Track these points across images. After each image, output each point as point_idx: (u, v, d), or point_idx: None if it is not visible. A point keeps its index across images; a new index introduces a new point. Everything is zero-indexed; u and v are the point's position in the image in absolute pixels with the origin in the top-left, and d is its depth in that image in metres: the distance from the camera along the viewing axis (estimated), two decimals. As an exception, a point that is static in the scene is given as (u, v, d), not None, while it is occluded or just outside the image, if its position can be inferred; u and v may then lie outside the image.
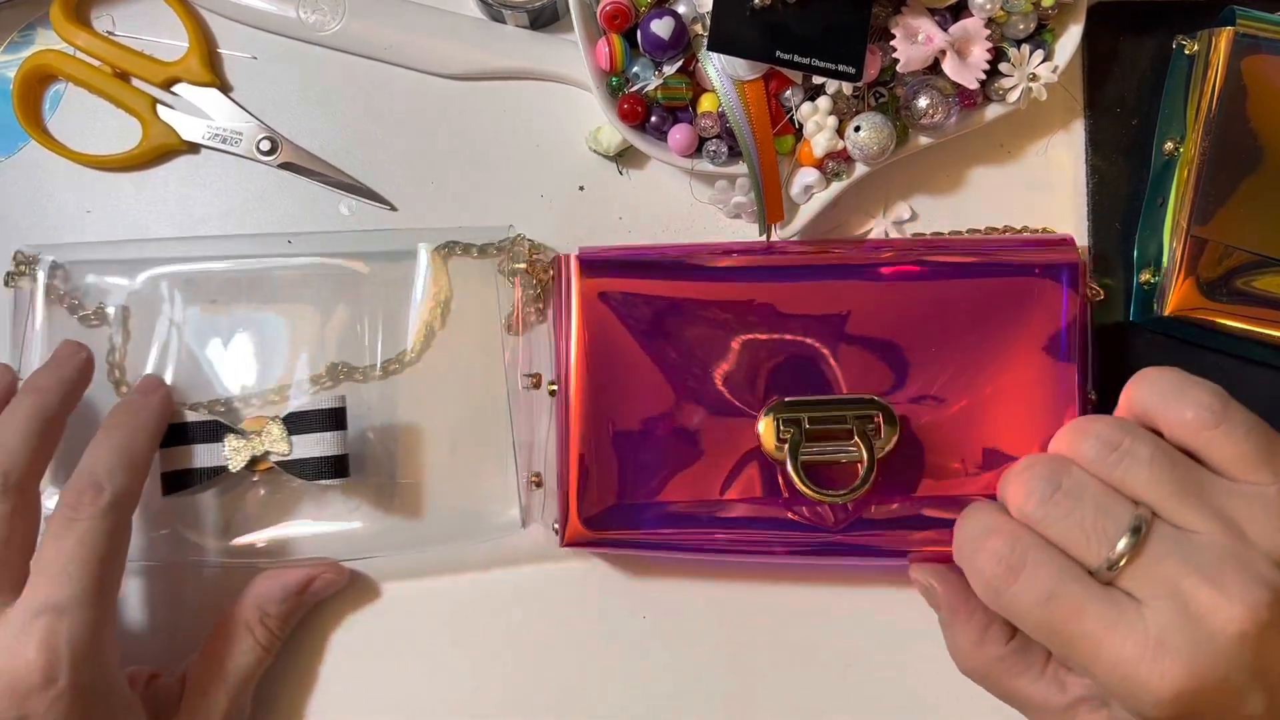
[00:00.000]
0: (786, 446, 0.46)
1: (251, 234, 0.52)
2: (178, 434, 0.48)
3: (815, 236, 0.52)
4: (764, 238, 0.50)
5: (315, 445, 0.47)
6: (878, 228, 0.53)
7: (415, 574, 0.51)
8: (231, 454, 0.48)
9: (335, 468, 0.47)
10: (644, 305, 0.48)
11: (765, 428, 0.47)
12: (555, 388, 0.48)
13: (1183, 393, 0.40)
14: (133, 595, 0.51)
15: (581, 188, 0.53)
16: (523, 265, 0.50)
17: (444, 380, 0.51)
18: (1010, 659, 0.44)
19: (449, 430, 0.51)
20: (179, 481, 0.48)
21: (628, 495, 0.48)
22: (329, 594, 0.50)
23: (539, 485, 0.50)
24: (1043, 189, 0.53)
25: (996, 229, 0.52)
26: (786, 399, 0.47)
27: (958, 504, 0.47)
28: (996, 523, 0.41)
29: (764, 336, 0.48)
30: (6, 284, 0.50)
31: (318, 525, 0.50)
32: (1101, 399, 0.49)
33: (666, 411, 0.48)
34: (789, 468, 0.46)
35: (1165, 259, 0.50)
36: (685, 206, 0.52)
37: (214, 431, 0.48)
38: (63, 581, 0.42)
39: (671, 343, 0.48)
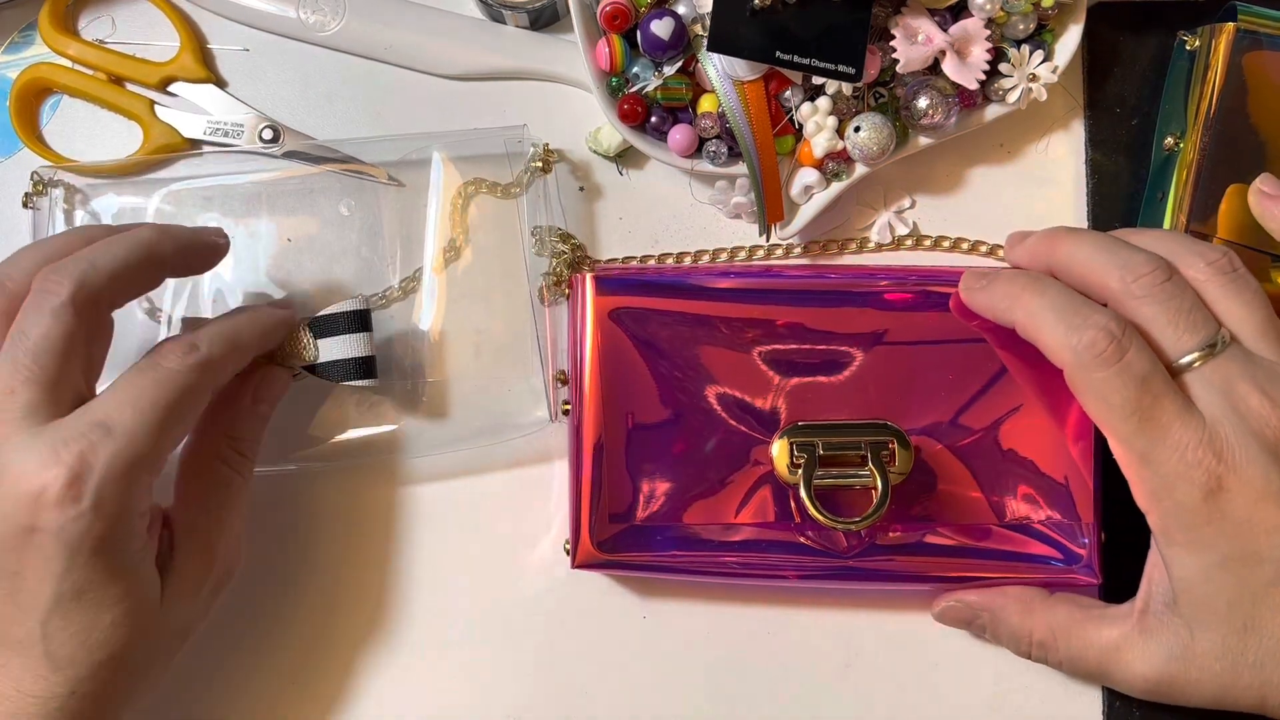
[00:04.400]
0: (800, 471, 0.46)
1: (264, 150, 0.52)
2: None
3: (815, 236, 0.52)
4: (764, 238, 0.51)
5: (342, 347, 0.48)
6: (880, 219, 0.53)
7: (440, 477, 0.52)
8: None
9: (363, 369, 0.48)
10: (659, 326, 0.48)
11: (779, 451, 0.47)
12: (569, 408, 0.48)
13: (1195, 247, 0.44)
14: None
15: (581, 188, 0.53)
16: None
17: (466, 285, 0.51)
18: (1067, 605, 0.46)
19: (473, 335, 0.51)
20: None
21: (640, 517, 0.48)
22: (279, 388, 0.48)
23: (564, 383, 0.50)
24: (1043, 188, 0.53)
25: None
26: (800, 423, 0.47)
27: (971, 531, 0.48)
28: (1089, 303, 0.42)
29: (778, 360, 0.48)
30: (25, 205, 0.51)
31: (348, 429, 0.51)
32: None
33: (680, 433, 0.48)
34: (802, 494, 0.46)
35: (1165, 255, 0.50)
36: (685, 206, 0.53)
37: None
38: (125, 408, 0.40)
39: (686, 364, 0.48)
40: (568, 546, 0.48)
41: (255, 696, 0.51)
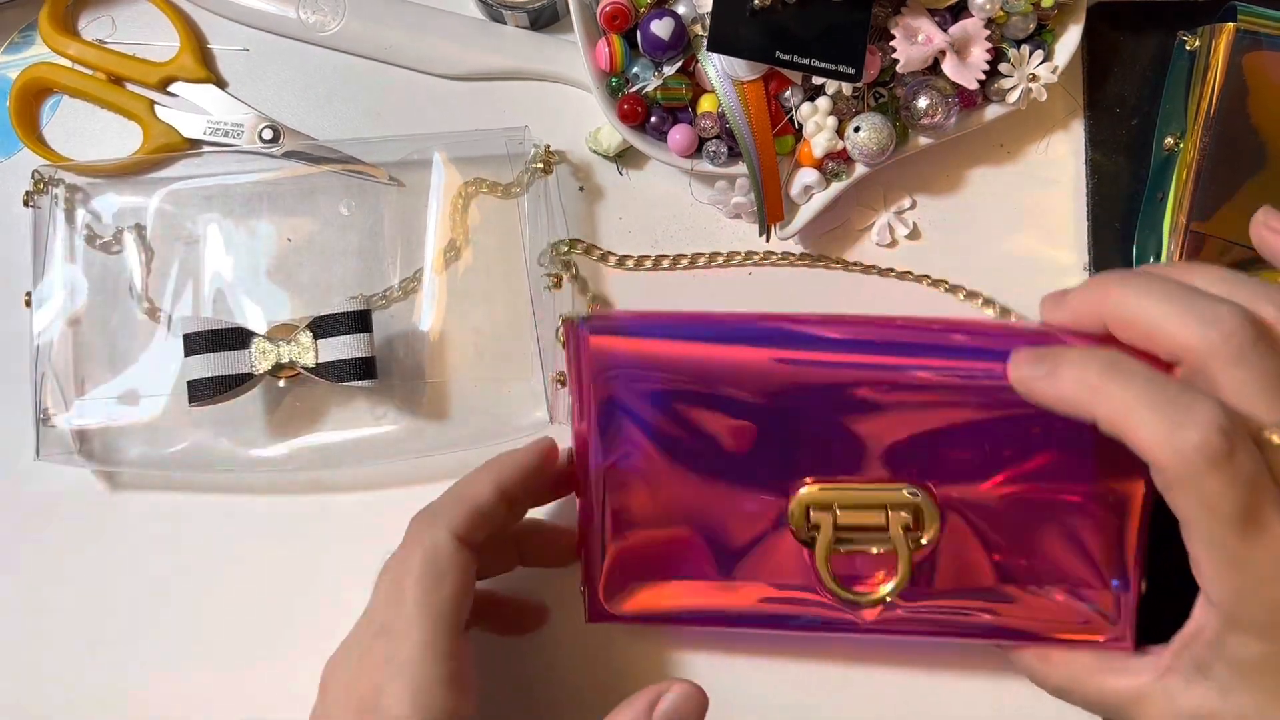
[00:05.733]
0: (818, 541, 0.43)
1: (264, 150, 0.52)
2: (203, 342, 0.48)
3: (815, 236, 0.52)
4: (763, 238, 0.51)
5: (342, 348, 0.48)
6: (880, 220, 0.53)
7: (440, 479, 0.51)
8: (258, 357, 0.48)
9: (363, 370, 0.48)
10: (663, 376, 0.43)
11: (795, 512, 0.43)
12: (575, 457, 0.45)
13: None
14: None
15: (581, 188, 0.53)
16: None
17: (463, 287, 0.51)
18: (1086, 654, 0.44)
19: (473, 336, 0.51)
20: (205, 390, 0.48)
21: (651, 575, 0.45)
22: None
23: (563, 384, 0.49)
24: (1043, 188, 0.53)
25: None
26: (819, 483, 0.43)
27: (994, 597, 0.44)
28: (1188, 389, 0.36)
29: (796, 413, 0.43)
30: (26, 204, 0.51)
31: (348, 431, 0.51)
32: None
33: (690, 489, 0.44)
34: (818, 565, 0.43)
35: (1164, 255, 0.50)
36: (685, 207, 0.53)
37: (240, 338, 0.48)
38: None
39: (695, 418, 0.44)
40: (582, 589, 0.46)
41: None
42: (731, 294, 0.52)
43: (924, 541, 0.43)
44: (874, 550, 0.43)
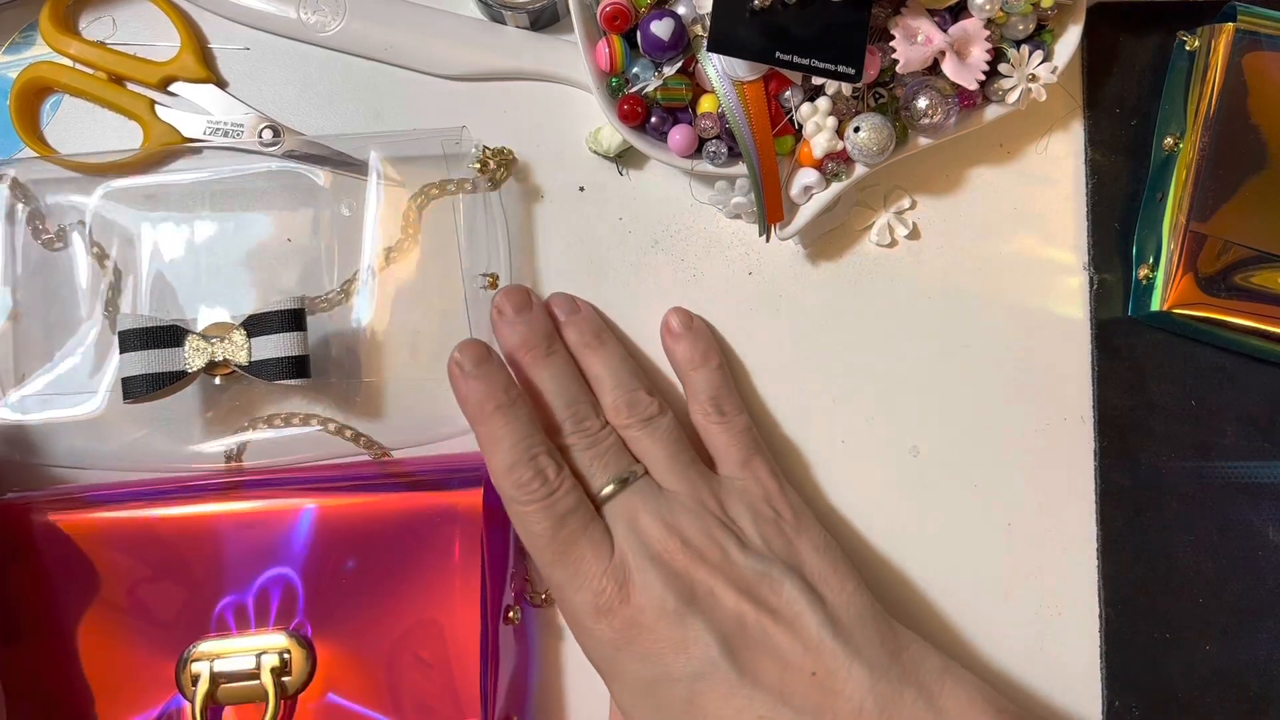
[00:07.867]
0: (196, 693, 0.46)
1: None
2: (137, 339, 0.48)
3: (815, 236, 0.52)
4: (764, 238, 0.51)
5: (276, 346, 0.48)
6: (880, 220, 0.53)
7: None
8: (192, 354, 0.48)
9: (296, 368, 0.48)
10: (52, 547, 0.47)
11: (179, 670, 0.47)
12: None
13: (715, 387, 0.50)
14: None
15: (582, 188, 0.53)
16: (476, 166, 0.51)
17: (402, 287, 0.51)
18: None
19: (410, 336, 0.51)
20: (140, 386, 0.48)
21: None
22: None
23: None
24: (1043, 188, 0.53)
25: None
26: (208, 640, 0.47)
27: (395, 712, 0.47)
28: (540, 441, 0.46)
29: (162, 575, 0.48)
30: None
31: (284, 429, 0.51)
32: (1100, 390, 0.51)
33: (93, 671, 0.47)
34: (195, 714, 0.46)
35: (1164, 254, 0.50)
36: (685, 207, 0.53)
37: (174, 336, 0.48)
38: None
39: (69, 589, 0.47)
40: None
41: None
42: (732, 294, 0.52)
43: (288, 681, 0.47)
44: (255, 700, 0.47)
